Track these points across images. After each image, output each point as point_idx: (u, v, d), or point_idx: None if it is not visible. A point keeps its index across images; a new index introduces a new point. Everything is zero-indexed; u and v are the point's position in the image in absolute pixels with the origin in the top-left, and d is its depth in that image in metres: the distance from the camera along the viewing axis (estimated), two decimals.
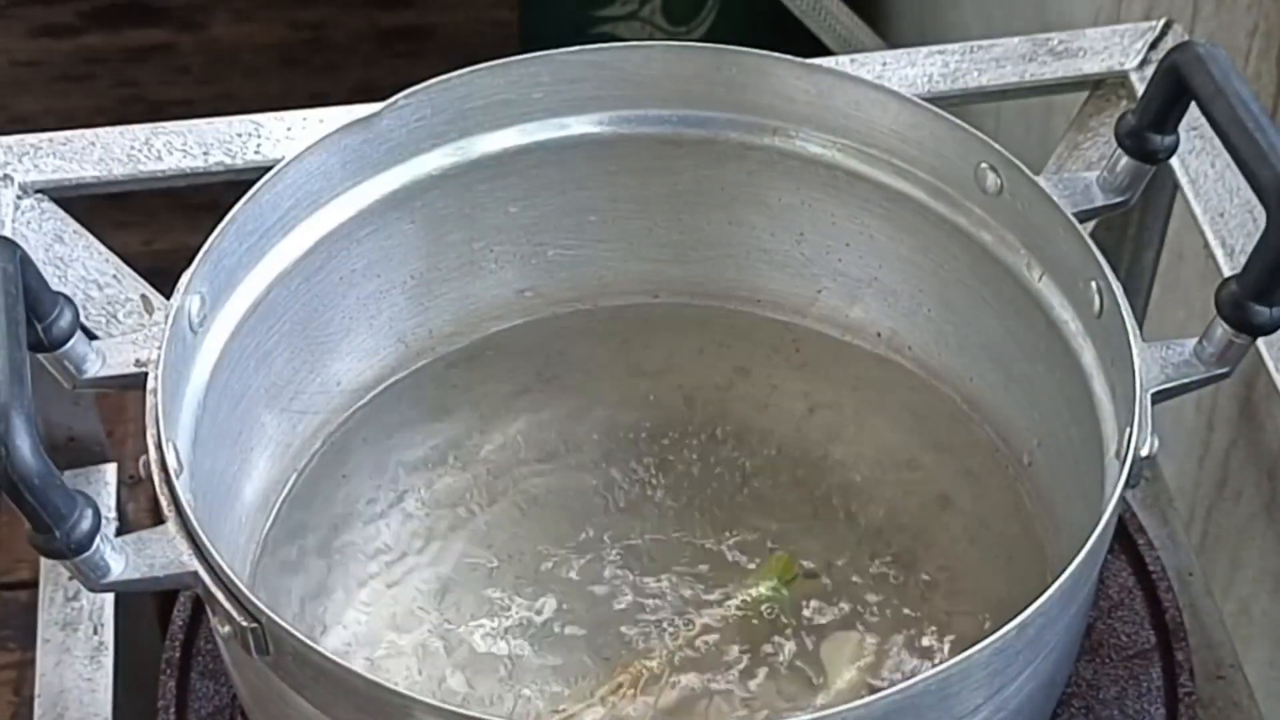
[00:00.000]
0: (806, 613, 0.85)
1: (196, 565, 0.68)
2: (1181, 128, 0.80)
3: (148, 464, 0.71)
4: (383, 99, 0.83)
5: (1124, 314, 0.73)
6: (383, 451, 0.89)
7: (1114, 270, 0.75)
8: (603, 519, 0.89)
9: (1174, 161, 0.88)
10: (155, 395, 0.72)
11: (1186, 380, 0.74)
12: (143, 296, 0.86)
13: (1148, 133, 0.79)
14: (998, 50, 0.95)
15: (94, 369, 0.75)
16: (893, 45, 1.64)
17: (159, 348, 0.73)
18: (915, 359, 0.89)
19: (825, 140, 0.86)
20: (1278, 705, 0.93)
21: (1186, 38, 0.96)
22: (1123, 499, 0.70)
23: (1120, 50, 0.94)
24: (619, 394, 0.92)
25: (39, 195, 0.89)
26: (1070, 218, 0.77)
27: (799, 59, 0.84)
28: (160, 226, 1.80)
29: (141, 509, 0.96)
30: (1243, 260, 0.73)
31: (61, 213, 0.89)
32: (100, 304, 0.85)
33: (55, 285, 0.78)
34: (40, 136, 0.91)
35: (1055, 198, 0.78)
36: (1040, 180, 0.79)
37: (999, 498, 0.85)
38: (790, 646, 0.83)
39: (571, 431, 0.92)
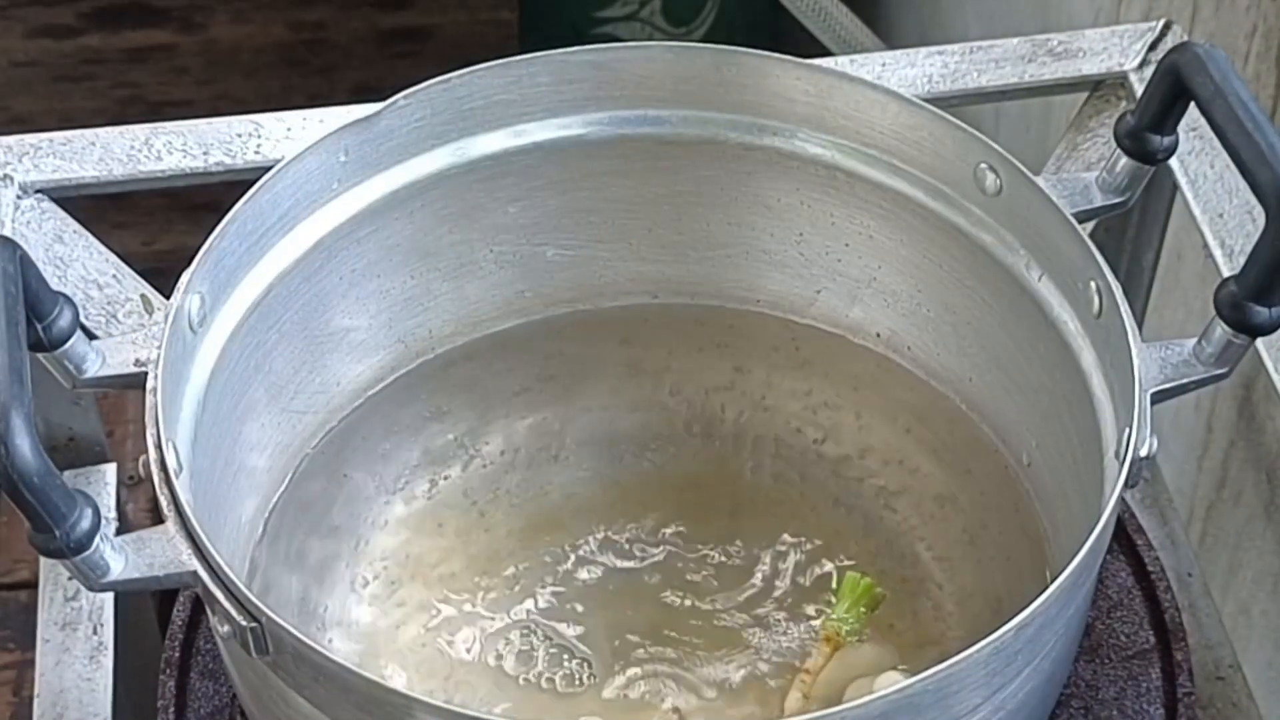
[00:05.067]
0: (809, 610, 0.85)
1: (196, 565, 0.68)
2: (1181, 128, 0.80)
3: (148, 464, 0.71)
4: (383, 99, 0.83)
5: (1123, 314, 0.73)
6: (382, 451, 0.89)
7: (1113, 271, 0.75)
8: (602, 519, 0.89)
9: (1173, 162, 0.88)
10: (155, 395, 0.72)
11: (1185, 381, 0.74)
12: (142, 296, 0.86)
13: (1147, 133, 0.79)
14: (997, 51, 0.95)
15: (94, 369, 0.75)
16: (892, 46, 1.64)
17: (159, 347, 0.73)
18: (915, 359, 0.89)
19: (825, 141, 0.86)
20: (1277, 706, 0.93)
21: (1186, 39, 0.96)
22: (1121, 499, 0.70)
23: (1120, 51, 0.94)
24: (619, 394, 0.92)
25: (39, 195, 0.89)
26: (1069, 218, 0.77)
27: (799, 59, 0.84)
28: (160, 226, 1.80)
29: (141, 509, 0.96)
30: (1242, 261, 0.73)
31: (61, 213, 0.89)
32: (100, 304, 0.85)
33: (55, 285, 0.78)
34: (40, 136, 0.91)
35: (1054, 198, 0.78)
36: (1039, 181, 0.79)
37: (998, 498, 0.85)
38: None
39: (571, 431, 0.92)
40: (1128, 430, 0.71)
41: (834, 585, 0.86)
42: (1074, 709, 0.81)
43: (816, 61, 0.85)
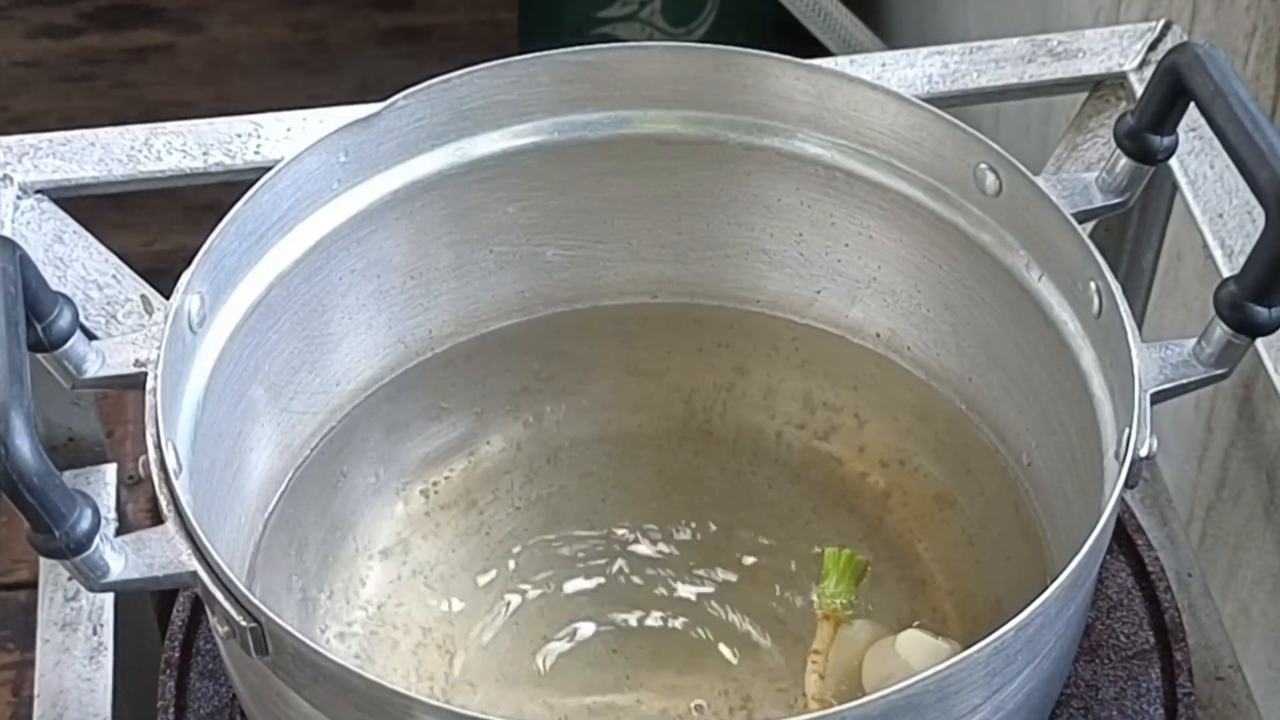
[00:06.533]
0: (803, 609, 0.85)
1: (196, 565, 0.68)
2: (1180, 129, 0.80)
3: (147, 464, 0.71)
4: (383, 99, 0.83)
5: (1123, 314, 0.73)
6: (382, 451, 0.89)
7: (1113, 271, 0.75)
8: (602, 519, 0.89)
9: (1173, 162, 0.88)
10: (155, 395, 0.72)
11: (1185, 381, 0.74)
12: (142, 296, 0.86)
13: (1147, 133, 0.79)
14: (997, 51, 0.95)
15: (94, 369, 0.75)
16: (892, 46, 1.64)
17: (158, 348, 0.73)
18: (914, 359, 0.89)
19: (824, 141, 0.86)
20: (1276, 706, 0.93)
21: (1186, 39, 0.96)
22: (1121, 499, 0.70)
23: (1119, 51, 0.94)
24: (619, 394, 0.92)
25: (39, 195, 0.89)
26: (1069, 218, 0.77)
27: (799, 59, 0.84)
28: (160, 226, 1.80)
29: (141, 509, 0.96)
30: (1241, 261, 0.73)
31: (61, 213, 0.89)
32: (100, 304, 0.85)
33: (55, 285, 0.78)
34: (40, 136, 0.91)
35: (1054, 198, 0.78)
36: (1039, 181, 0.79)
37: (998, 498, 0.85)
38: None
39: (570, 431, 0.92)
40: (1128, 430, 0.71)
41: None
42: (1074, 709, 0.81)
43: (816, 61, 0.86)
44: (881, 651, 0.80)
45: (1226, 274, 0.80)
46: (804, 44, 1.71)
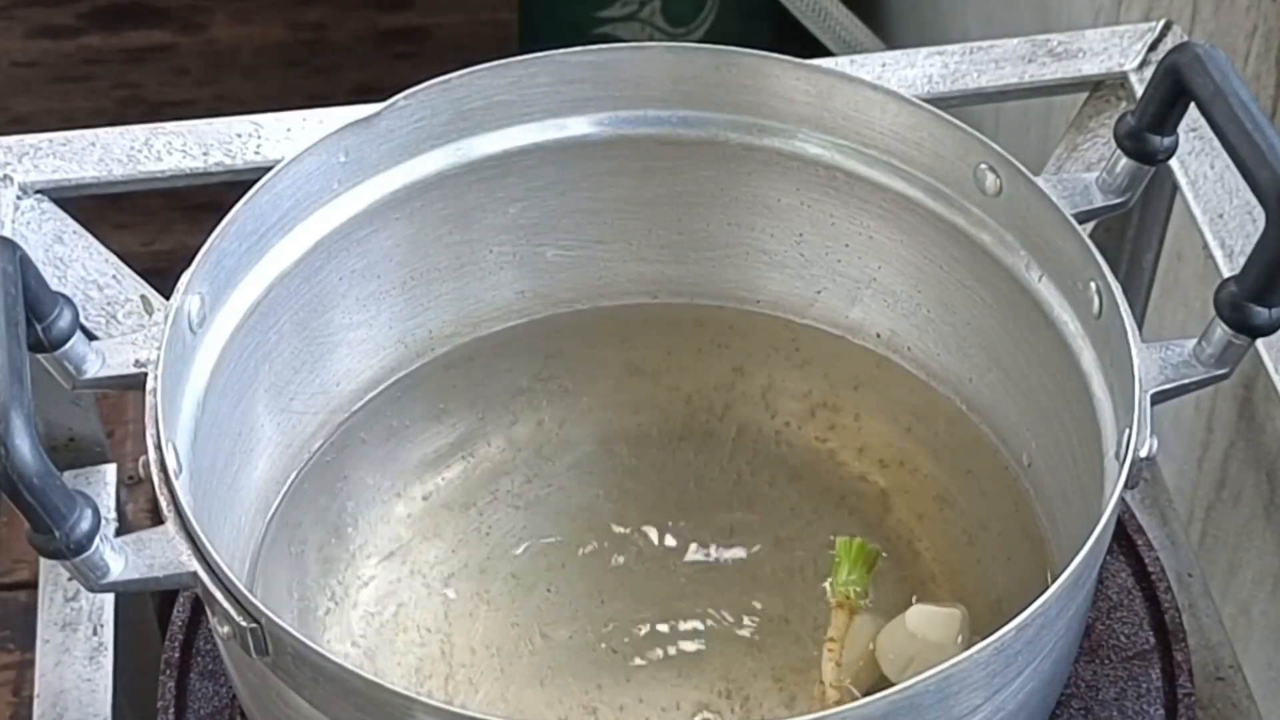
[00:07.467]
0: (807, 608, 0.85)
1: (196, 565, 0.68)
2: (1181, 129, 0.80)
3: (147, 464, 0.71)
4: (382, 99, 0.83)
5: (1123, 315, 0.73)
6: (382, 452, 0.89)
7: (1113, 271, 0.75)
8: (602, 519, 0.89)
9: (1173, 162, 0.88)
10: (155, 395, 0.72)
11: (1186, 381, 0.74)
12: (142, 297, 0.86)
13: (1147, 134, 0.79)
14: (997, 51, 0.95)
15: (94, 369, 0.75)
16: (892, 46, 1.64)
17: (159, 348, 0.73)
18: (915, 359, 0.89)
19: (825, 141, 0.86)
20: (1277, 706, 0.93)
21: (1186, 39, 0.96)
22: (1122, 500, 0.70)
23: (1120, 51, 0.94)
24: (618, 394, 0.92)
25: (39, 195, 0.89)
26: (1069, 218, 0.77)
27: (799, 60, 0.84)
28: (160, 226, 1.80)
29: (141, 509, 0.96)
30: (1242, 261, 0.73)
31: (61, 213, 0.89)
32: (100, 304, 0.85)
33: (55, 285, 0.78)
34: (40, 137, 0.91)
35: (1054, 198, 0.78)
36: (1039, 181, 0.79)
37: (998, 498, 0.85)
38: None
39: (570, 431, 0.92)
40: (1128, 431, 0.71)
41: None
42: (1074, 710, 0.81)
43: (816, 61, 0.86)
44: (895, 633, 0.80)
45: (1226, 274, 0.80)
46: (804, 44, 1.72)
